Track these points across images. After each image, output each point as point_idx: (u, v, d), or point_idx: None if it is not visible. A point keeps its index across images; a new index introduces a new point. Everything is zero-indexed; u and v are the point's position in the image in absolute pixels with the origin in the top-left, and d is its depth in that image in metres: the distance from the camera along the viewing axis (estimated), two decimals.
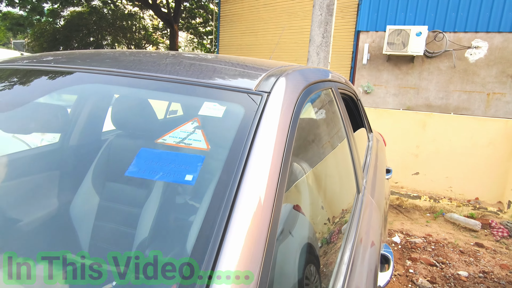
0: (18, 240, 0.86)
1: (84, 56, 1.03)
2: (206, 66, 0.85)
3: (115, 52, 1.11)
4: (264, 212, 0.50)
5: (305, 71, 0.96)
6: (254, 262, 0.47)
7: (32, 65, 1.01)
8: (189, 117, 0.62)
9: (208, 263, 0.47)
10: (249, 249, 0.48)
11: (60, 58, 1.05)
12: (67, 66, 0.94)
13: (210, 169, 0.55)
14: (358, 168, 1.24)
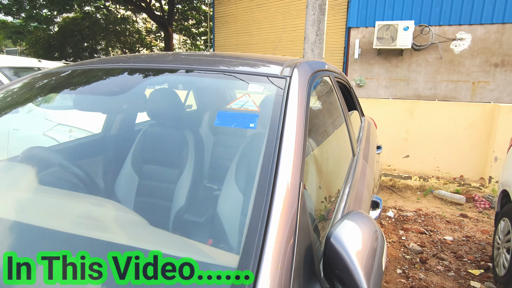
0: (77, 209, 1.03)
1: (146, 58, 1.37)
2: (243, 61, 1.18)
3: (175, 53, 1.44)
4: (296, 158, 0.80)
5: (311, 63, 1.30)
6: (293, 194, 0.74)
7: (95, 66, 1.34)
8: (241, 94, 0.95)
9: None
10: (288, 175, 0.77)
11: (114, 60, 1.38)
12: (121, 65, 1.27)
13: (261, 124, 0.88)
14: (353, 139, 1.59)
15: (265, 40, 8.98)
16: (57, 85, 1.35)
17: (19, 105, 1.28)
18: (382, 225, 3.18)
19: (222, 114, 0.88)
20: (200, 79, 1.13)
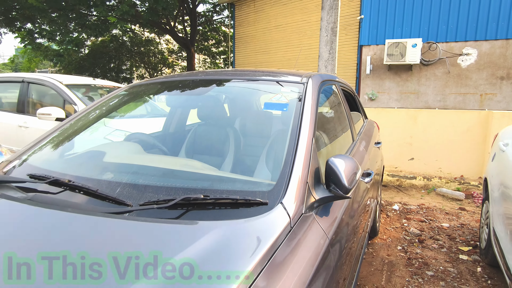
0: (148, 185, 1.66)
1: (194, 75, 2.02)
2: (277, 73, 1.81)
3: (226, 70, 2.10)
4: (308, 143, 1.40)
5: (322, 75, 1.91)
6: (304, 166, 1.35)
7: (183, 80, 2.00)
8: (274, 94, 1.57)
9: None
10: (302, 153, 1.37)
11: (170, 78, 2.04)
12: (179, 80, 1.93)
13: (289, 109, 1.48)
14: (353, 130, 2.17)
15: (282, 58, 9.71)
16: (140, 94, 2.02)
17: (118, 110, 1.95)
18: (388, 216, 3.68)
19: (267, 104, 1.50)
20: (246, 84, 1.78)
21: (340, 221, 1.27)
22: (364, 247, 2.04)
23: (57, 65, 13.36)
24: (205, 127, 2.06)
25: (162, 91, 2.13)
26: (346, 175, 1.18)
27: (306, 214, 1.08)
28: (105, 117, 1.89)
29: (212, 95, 2.04)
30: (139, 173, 1.34)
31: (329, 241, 1.10)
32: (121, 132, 2.08)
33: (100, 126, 1.87)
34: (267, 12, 10.02)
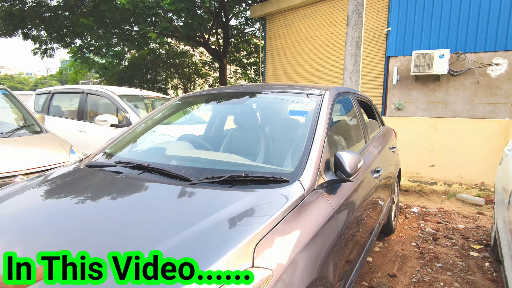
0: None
1: (231, 88, 2.50)
2: (300, 86, 2.26)
3: (255, 84, 2.57)
4: (321, 140, 1.82)
5: (338, 88, 2.33)
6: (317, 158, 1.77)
7: (222, 92, 2.50)
8: (297, 103, 2.01)
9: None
10: (316, 150, 1.79)
11: (216, 90, 2.53)
12: (221, 92, 2.41)
13: (309, 114, 1.91)
14: (366, 134, 2.55)
15: (310, 69, 10.11)
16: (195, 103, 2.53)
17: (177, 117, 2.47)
18: (407, 217, 3.95)
19: (292, 111, 1.95)
20: (274, 95, 2.24)
21: (344, 200, 1.67)
22: (373, 234, 2.40)
23: (102, 77, 14.62)
24: (239, 131, 2.53)
25: (206, 101, 2.64)
26: (349, 164, 1.59)
27: (317, 190, 1.51)
28: (164, 121, 2.42)
29: (245, 104, 2.52)
30: (195, 161, 1.83)
31: (334, 211, 1.51)
32: (167, 136, 2.60)
33: (159, 128, 2.39)
34: (297, 26, 10.51)
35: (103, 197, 1.47)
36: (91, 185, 1.61)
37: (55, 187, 1.65)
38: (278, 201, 1.32)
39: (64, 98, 5.60)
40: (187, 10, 10.23)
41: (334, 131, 2.11)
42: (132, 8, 9.68)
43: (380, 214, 2.57)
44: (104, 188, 1.56)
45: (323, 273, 1.28)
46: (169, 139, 2.48)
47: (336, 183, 1.64)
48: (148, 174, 1.66)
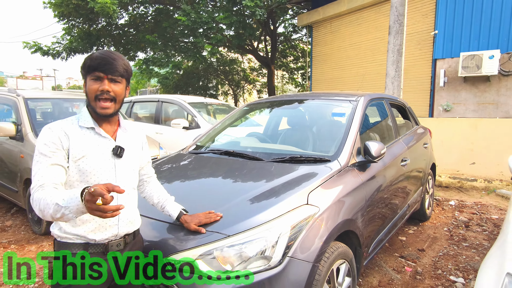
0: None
1: (285, 96, 3.26)
2: (339, 94, 2.95)
3: (298, 94, 3.31)
4: (354, 133, 2.49)
5: (371, 94, 2.98)
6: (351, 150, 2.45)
7: (277, 100, 3.28)
8: (338, 107, 2.70)
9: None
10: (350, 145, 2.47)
11: (276, 98, 3.30)
12: (279, 100, 3.17)
13: (347, 116, 2.59)
14: (396, 132, 3.16)
15: (356, 73, 10.54)
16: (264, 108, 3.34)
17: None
18: (443, 209, 4.39)
19: (333, 113, 2.66)
20: (319, 101, 2.96)
21: (371, 177, 2.34)
22: (403, 212, 2.99)
23: (162, 86, 16.32)
24: (292, 130, 3.27)
25: (266, 107, 3.44)
26: (374, 150, 2.26)
27: (350, 167, 2.21)
28: (236, 122, 3.25)
29: (296, 109, 3.26)
30: (263, 149, 2.64)
31: (362, 182, 2.20)
32: (238, 133, 3.43)
33: (232, 127, 3.23)
34: (343, 32, 11.01)
35: (211, 170, 2.31)
36: (202, 164, 2.47)
37: (181, 165, 2.54)
38: (323, 171, 2.04)
39: (142, 105, 6.80)
40: (239, 22, 11.25)
41: (368, 128, 2.78)
42: (191, 24, 10.92)
43: (409, 197, 3.14)
44: (210, 165, 2.41)
45: (350, 218, 1.98)
46: (240, 135, 3.30)
47: (365, 163, 2.32)
48: (233, 158, 2.48)
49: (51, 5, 11.36)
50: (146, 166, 1.65)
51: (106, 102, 1.29)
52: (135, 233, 1.47)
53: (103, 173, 1.33)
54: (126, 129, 1.46)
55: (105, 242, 1.32)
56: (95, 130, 1.34)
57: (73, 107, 4.67)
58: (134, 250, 1.44)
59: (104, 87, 1.27)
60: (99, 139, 1.35)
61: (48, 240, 3.56)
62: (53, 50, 13.60)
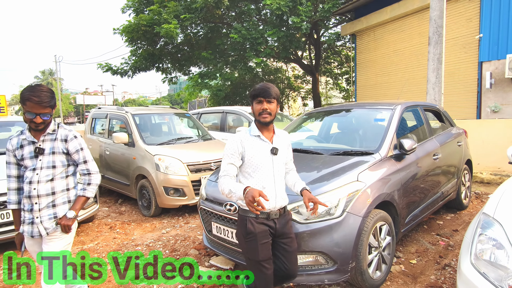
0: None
1: (336, 106, 4.15)
2: (379, 103, 3.79)
3: (343, 104, 4.20)
4: (392, 133, 3.32)
5: (407, 102, 3.79)
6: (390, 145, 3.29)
7: (329, 109, 4.21)
8: (379, 113, 3.55)
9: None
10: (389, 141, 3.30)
11: (329, 108, 4.21)
12: (331, 110, 4.07)
13: (386, 121, 3.42)
14: (430, 132, 3.91)
15: (401, 79, 11.01)
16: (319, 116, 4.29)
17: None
18: (482, 201, 4.95)
19: (376, 118, 3.52)
20: (363, 110, 3.83)
21: (406, 165, 3.16)
22: (436, 197, 3.73)
23: (214, 98, 17.87)
24: (342, 133, 4.15)
25: (322, 114, 4.36)
26: (406, 145, 3.09)
27: (389, 158, 3.06)
28: (298, 126, 4.22)
29: (345, 116, 4.14)
30: (322, 147, 3.56)
31: (398, 169, 3.04)
32: (301, 135, 4.38)
33: (297, 131, 4.20)
34: (387, 39, 11.56)
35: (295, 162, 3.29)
36: None
37: None
38: (367, 160, 2.93)
39: (209, 116, 8.03)
40: (286, 36, 12.27)
41: (404, 129, 3.59)
42: (241, 40, 12.16)
43: (442, 185, 3.86)
44: None
45: (388, 192, 2.84)
46: (302, 137, 4.25)
47: (400, 155, 3.15)
48: (301, 153, 3.43)
49: (122, 32, 13.28)
50: (289, 162, 2.33)
51: (266, 115, 2.05)
52: (285, 208, 2.20)
53: (265, 166, 2.08)
54: (278, 135, 2.19)
55: (268, 211, 2.08)
56: (260, 137, 2.12)
57: (164, 119, 5.97)
58: (285, 221, 2.16)
59: (264, 106, 2.07)
60: (262, 143, 2.11)
61: (156, 220, 4.77)
62: (121, 69, 15.65)
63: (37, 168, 2.07)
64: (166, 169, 4.58)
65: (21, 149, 2.09)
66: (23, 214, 2.11)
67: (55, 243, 2.08)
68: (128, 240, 4.05)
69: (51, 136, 2.12)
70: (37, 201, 2.07)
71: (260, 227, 2.07)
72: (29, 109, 1.95)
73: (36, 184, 2.06)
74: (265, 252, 2.06)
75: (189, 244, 3.84)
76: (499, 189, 2.31)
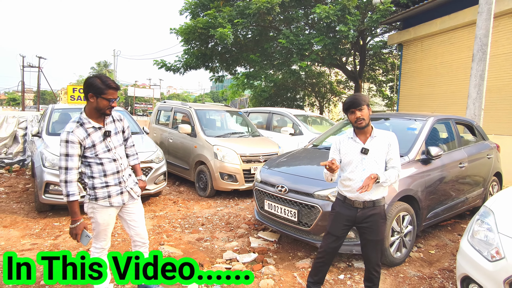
0: None
1: (374, 115, 4.76)
2: (414, 114, 4.37)
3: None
4: (422, 141, 3.89)
5: (438, 115, 4.33)
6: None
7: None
8: (412, 123, 4.14)
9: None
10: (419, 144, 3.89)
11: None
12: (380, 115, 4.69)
13: (417, 130, 4.00)
14: (459, 143, 4.41)
15: (446, 91, 11.14)
16: None
17: None
18: None
19: (409, 127, 4.11)
20: (399, 119, 4.43)
21: (431, 169, 3.75)
22: (460, 202, 4.24)
23: (257, 98, 18.81)
24: None
25: None
26: (433, 152, 3.67)
27: (416, 161, 3.68)
28: (334, 131, 4.90)
29: (382, 122, 4.74)
30: None
31: (423, 171, 3.65)
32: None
33: (333, 135, 4.88)
34: (434, 50, 11.73)
35: (323, 155, 4.00)
36: (317, 153, 4.17)
37: (308, 152, 4.30)
38: None
39: (255, 116, 8.87)
40: (332, 44, 12.81)
41: (434, 138, 4.14)
42: (289, 46, 12.89)
43: (467, 192, 4.36)
44: (321, 153, 4.09)
45: (411, 188, 3.45)
46: None
47: (427, 160, 3.73)
48: None
49: (179, 32, 14.54)
50: (391, 160, 2.48)
51: (360, 122, 2.38)
52: (374, 203, 2.43)
53: (355, 163, 2.44)
54: (375, 137, 2.46)
55: (352, 200, 2.47)
56: (353, 139, 2.50)
57: (220, 115, 6.88)
58: (370, 214, 2.43)
59: (357, 115, 2.37)
60: (355, 144, 2.47)
61: (210, 200, 5.67)
62: (174, 66, 17.02)
63: (111, 148, 2.37)
64: (223, 157, 5.45)
65: (89, 137, 2.27)
66: (107, 190, 2.35)
67: (138, 204, 2.56)
68: (190, 213, 4.98)
69: (110, 119, 2.42)
70: (123, 174, 2.44)
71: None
72: (109, 96, 2.23)
73: (120, 160, 2.41)
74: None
75: (240, 220, 4.68)
76: (505, 189, 2.87)
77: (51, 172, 4.31)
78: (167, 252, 3.53)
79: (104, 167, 2.32)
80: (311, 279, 2.66)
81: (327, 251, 2.58)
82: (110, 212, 2.38)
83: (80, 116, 2.28)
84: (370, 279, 2.58)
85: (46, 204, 4.54)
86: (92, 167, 2.30)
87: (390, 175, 2.41)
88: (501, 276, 2.06)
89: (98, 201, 2.33)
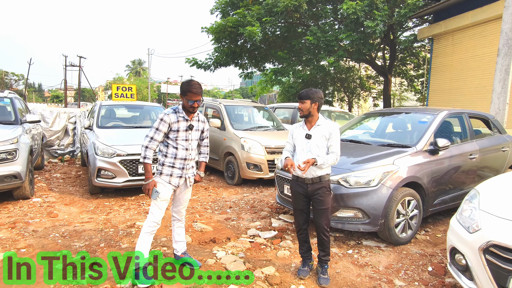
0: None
1: (387, 109, 5.10)
2: (426, 108, 4.67)
3: (394, 108, 5.14)
4: (431, 133, 4.23)
5: (450, 109, 4.63)
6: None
7: (384, 111, 5.20)
8: (423, 116, 4.47)
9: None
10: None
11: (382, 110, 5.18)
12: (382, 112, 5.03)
13: (427, 122, 4.33)
14: (471, 136, 4.68)
15: (477, 85, 11.00)
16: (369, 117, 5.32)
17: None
18: None
19: (420, 121, 4.45)
20: (412, 114, 4.76)
21: (437, 159, 4.09)
22: (465, 191, 4.51)
23: (284, 93, 19.25)
24: (395, 132, 5.09)
25: (378, 115, 5.36)
26: (440, 143, 4.01)
27: (423, 151, 4.04)
28: (356, 124, 5.29)
29: (399, 118, 5.08)
30: (373, 140, 4.63)
31: (430, 161, 4.01)
32: (357, 131, 5.43)
33: (353, 128, 5.28)
34: (465, 44, 11.59)
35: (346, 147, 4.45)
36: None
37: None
38: (406, 151, 3.95)
39: (282, 111, 9.35)
40: (359, 39, 12.96)
41: (445, 130, 4.45)
42: (317, 42, 13.19)
43: (478, 182, 4.60)
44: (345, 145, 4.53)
45: (416, 175, 3.82)
46: (359, 132, 5.31)
47: (434, 150, 4.07)
48: (355, 143, 4.54)
49: (210, 31, 15.26)
50: (331, 146, 2.92)
51: (300, 111, 2.92)
52: (320, 178, 2.88)
53: (301, 146, 2.94)
54: (319, 125, 2.90)
55: (303, 178, 3.12)
56: (302, 127, 2.99)
57: (248, 110, 7.46)
58: (318, 187, 2.90)
59: (298, 106, 2.91)
60: (302, 130, 2.97)
61: (237, 187, 6.26)
62: (205, 64, 17.81)
63: (189, 139, 2.85)
64: (249, 149, 6.02)
65: (178, 123, 2.80)
66: (172, 170, 2.82)
67: (189, 191, 3.06)
68: (219, 197, 5.61)
69: (196, 118, 2.91)
70: (188, 163, 2.88)
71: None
72: (190, 98, 2.72)
73: (191, 150, 2.87)
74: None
75: (264, 205, 5.23)
76: (496, 176, 3.20)
77: (103, 159, 5.08)
78: (199, 228, 4.16)
79: (177, 152, 2.80)
80: (301, 250, 3.20)
81: (300, 224, 3.08)
82: (168, 190, 2.84)
83: (178, 106, 2.85)
84: (321, 243, 3.03)
85: (97, 187, 5.35)
86: (168, 148, 2.82)
87: (328, 158, 2.85)
88: (477, 244, 2.45)
89: (161, 176, 2.83)
